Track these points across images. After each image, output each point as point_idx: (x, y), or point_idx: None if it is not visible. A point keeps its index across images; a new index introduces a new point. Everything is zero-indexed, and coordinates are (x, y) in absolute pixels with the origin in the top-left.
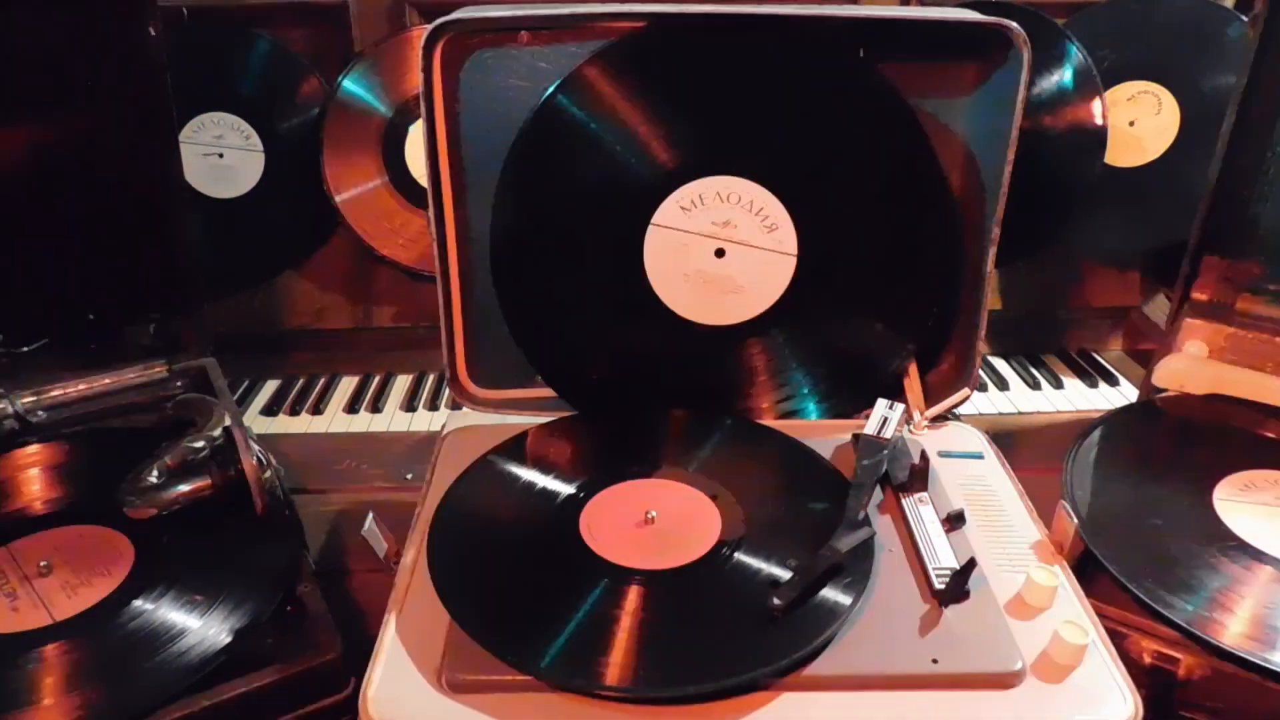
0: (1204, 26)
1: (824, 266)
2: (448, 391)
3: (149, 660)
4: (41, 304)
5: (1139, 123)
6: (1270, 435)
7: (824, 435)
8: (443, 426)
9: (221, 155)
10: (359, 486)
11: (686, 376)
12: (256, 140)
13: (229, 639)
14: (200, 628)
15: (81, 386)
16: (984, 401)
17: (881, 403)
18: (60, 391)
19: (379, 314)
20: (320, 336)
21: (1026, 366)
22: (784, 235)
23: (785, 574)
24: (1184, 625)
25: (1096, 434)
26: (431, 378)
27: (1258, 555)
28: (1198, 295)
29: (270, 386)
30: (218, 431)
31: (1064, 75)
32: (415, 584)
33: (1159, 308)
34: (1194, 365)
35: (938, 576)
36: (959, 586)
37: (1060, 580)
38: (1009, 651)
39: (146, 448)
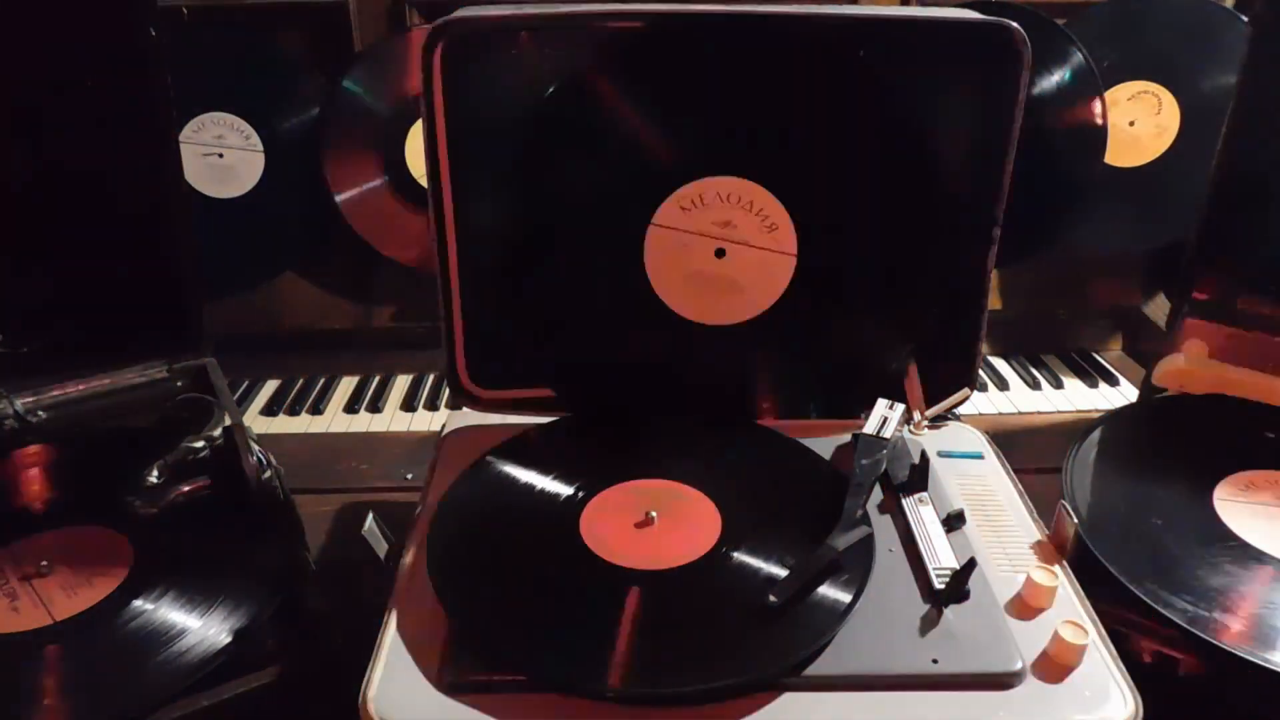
0: (1204, 26)
1: (824, 266)
2: (448, 391)
3: (149, 660)
4: (41, 304)
5: (1139, 123)
6: (1270, 435)
7: (824, 435)
8: (443, 426)
9: (221, 155)
10: (359, 486)
11: (686, 376)
12: (256, 140)
13: (229, 639)
14: (200, 628)
15: (81, 386)
16: (984, 401)
17: (881, 403)
18: (60, 391)
19: (379, 314)
20: (320, 336)
21: (1026, 366)
22: (784, 235)
23: (784, 573)
24: (1184, 625)
25: (1096, 434)
26: (431, 378)
27: (1258, 555)
28: (1198, 295)
29: (270, 386)
30: (218, 431)
31: (1064, 75)
32: (415, 584)
33: (1159, 308)
34: (1194, 365)
35: (938, 576)
36: (959, 586)
37: (1060, 580)
38: (1009, 651)
39: (146, 448)
